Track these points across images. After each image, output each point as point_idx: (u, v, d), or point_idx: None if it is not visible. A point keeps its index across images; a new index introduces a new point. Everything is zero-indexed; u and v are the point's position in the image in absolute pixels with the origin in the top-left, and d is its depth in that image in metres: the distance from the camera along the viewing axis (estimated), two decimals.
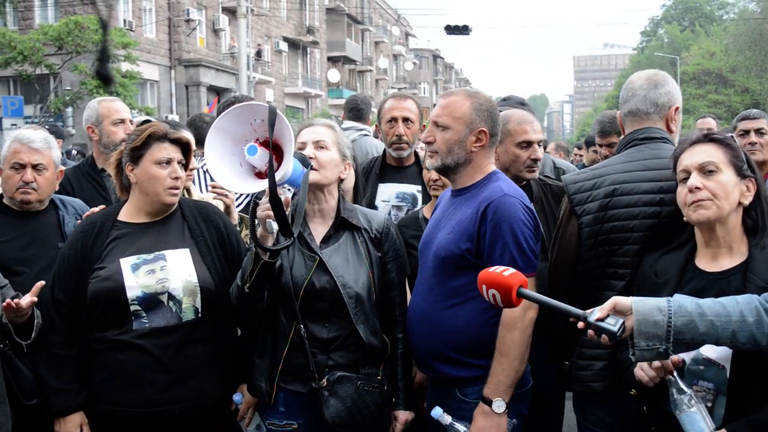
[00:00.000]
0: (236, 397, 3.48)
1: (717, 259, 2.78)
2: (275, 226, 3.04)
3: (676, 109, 3.34)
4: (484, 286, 2.59)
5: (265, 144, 2.96)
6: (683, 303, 2.47)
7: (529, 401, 3.38)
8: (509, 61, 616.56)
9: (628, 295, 2.81)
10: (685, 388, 2.58)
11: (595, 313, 2.44)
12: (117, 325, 3.26)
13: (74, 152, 11.00)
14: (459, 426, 3.15)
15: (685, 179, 2.78)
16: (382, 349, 3.46)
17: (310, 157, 3.34)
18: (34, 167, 3.80)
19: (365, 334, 3.37)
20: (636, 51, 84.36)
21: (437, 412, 3.16)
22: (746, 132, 5.12)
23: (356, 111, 6.53)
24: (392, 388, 3.50)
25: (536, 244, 3.22)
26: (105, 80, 2.35)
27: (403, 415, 3.51)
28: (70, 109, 26.12)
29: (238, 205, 4.45)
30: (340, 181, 3.55)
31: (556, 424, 4.45)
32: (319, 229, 3.49)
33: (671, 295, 2.74)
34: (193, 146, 3.64)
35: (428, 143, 3.32)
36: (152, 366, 3.23)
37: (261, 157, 2.94)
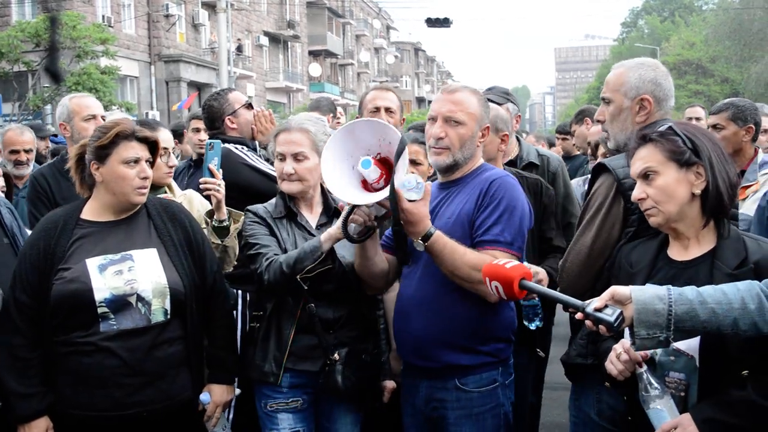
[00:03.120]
0: (203, 397, 3.46)
1: (687, 248, 2.79)
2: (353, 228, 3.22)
3: None
4: (487, 279, 2.72)
5: (381, 161, 3.11)
6: (683, 291, 2.46)
7: (513, 391, 3.46)
8: (491, 53, 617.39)
9: None
10: (654, 382, 2.59)
11: (593, 303, 2.46)
12: (83, 327, 3.18)
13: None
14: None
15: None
16: (376, 323, 3.80)
17: (290, 173, 3.59)
18: None
19: (368, 310, 3.73)
20: (617, 42, 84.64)
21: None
22: None
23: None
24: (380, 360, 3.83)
25: (526, 230, 3.31)
26: (54, 77, 2.27)
27: (391, 384, 3.85)
28: (49, 107, 25.88)
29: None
30: None
31: (524, 411, 4.45)
32: (310, 216, 3.73)
33: (644, 284, 2.75)
34: (162, 144, 3.57)
35: (440, 139, 3.32)
36: (120, 369, 3.16)
37: (371, 173, 3.07)
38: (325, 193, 3.76)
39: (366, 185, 3.15)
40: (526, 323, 4.03)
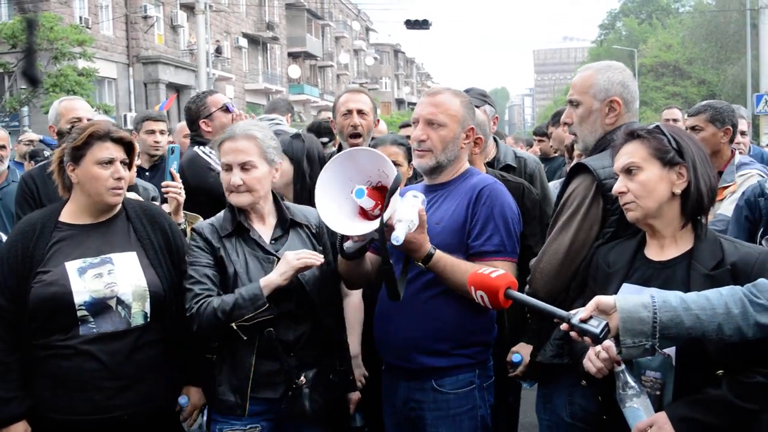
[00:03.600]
0: (182, 400, 3.47)
1: (663, 248, 2.82)
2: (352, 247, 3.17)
3: None
4: (472, 288, 2.72)
5: (377, 189, 3.07)
6: (667, 298, 2.47)
7: (493, 393, 3.46)
8: (470, 55, 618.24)
9: None
10: (632, 382, 2.59)
11: (578, 314, 2.49)
12: (62, 330, 3.16)
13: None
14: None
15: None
16: (343, 339, 3.67)
17: (238, 184, 3.36)
18: None
19: (333, 328, 3.55)
20: (595, 44, 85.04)
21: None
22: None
23: (272, 104, 6.95)
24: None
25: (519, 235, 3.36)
26: (31, 81, 2.24)
27: (356, 396, 3.75)
28: (26, 109, 25.68)
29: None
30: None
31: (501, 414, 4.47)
32: (263, 230, 3.50)
33: (620, 285, 2.81)
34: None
35: (422, 141, 3.33)
36: (100, 372, 3.15)
37: (364, 203, 3.04)
38: (278, 202, 3.56)
39: (364, 211, 3.11)
40: (522, 383, 4.13)
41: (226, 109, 5.07)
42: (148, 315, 3.27)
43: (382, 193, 3.05)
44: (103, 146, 3.27)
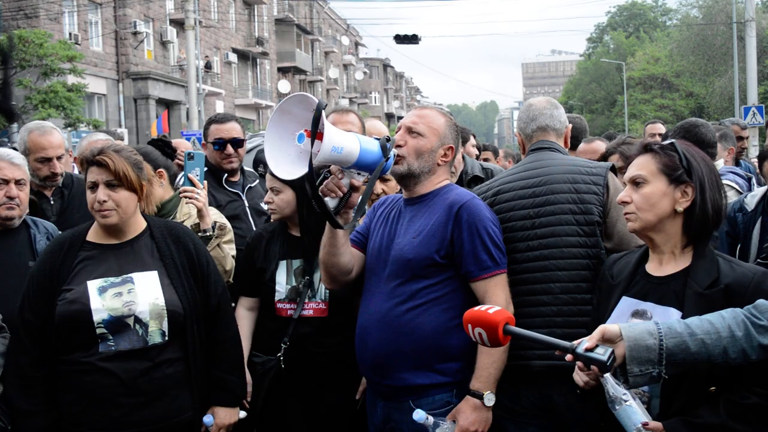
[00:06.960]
0: (207, 419, 3.45)
1: (663, 264, 2.83)
2: (331, 204, 3.11)
3: (569, 128, 3.87)
4: (469, 326, 2.63)
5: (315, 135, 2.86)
6: (671, 324, 2.47)
7: None
8: (459, 69, 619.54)
9: None
10: (619, 387, 2.55)
11: (583, 344, 2.45)
12: (83, 347, 3.23)
13: None
14: (444, 425, 3.15)
15: None
16: None
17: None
18: (17, 183, 3.82)
19: None
20: (583, 57, 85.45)
21: (420, 415, 3.14)
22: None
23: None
24: None
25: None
26: (7, 115, 2.19)
27: None
28: (15, 126, 25.61)
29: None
30: None
31: None
32: None
33: (620, 298, 2.84)
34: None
35: (399, 146, 3.37)
36: (118, 389, 3.21)
37: (306, 146, 2.87)
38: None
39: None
40: None
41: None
42: (166, 333, 3.32)
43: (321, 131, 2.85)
44: (89, 171, 3.35)
